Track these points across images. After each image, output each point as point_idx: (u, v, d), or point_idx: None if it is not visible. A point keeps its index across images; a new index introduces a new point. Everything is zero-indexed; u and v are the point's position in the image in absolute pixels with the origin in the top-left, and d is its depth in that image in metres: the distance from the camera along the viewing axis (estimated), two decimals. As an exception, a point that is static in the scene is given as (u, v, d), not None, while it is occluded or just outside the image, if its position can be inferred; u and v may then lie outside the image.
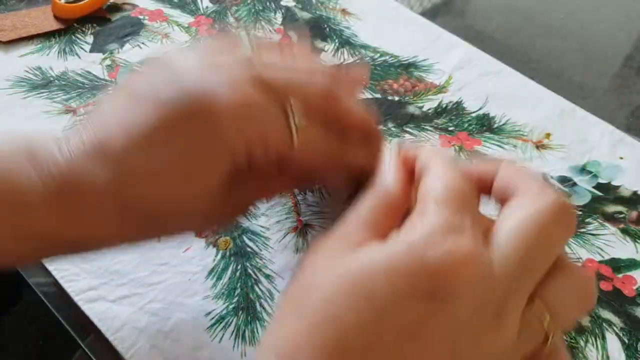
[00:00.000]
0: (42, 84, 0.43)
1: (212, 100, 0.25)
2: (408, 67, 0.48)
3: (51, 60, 0.44)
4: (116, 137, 0.25)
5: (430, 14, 0.56)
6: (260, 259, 0.35)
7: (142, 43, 0.47)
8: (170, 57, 0.27)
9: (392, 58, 0.48)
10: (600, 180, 0.41)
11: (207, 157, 0.25)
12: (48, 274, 0.34)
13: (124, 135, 0.25)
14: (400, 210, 0.24)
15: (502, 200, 0.24)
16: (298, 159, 0.27)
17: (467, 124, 0.44)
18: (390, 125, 0.43)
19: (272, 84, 0.26)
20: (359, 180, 0.28)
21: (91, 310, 0.32)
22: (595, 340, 0.33)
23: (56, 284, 0.33)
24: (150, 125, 0.25)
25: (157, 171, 0.25)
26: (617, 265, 0.37)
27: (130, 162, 0.25)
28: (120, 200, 0.25)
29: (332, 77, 0.28)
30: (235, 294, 0.33)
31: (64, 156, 0.25)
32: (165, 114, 0.25)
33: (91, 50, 0.46)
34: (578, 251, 0.37)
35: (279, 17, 0.51)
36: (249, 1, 0.52)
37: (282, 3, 0.52)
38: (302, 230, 0.36)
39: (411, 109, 0.45)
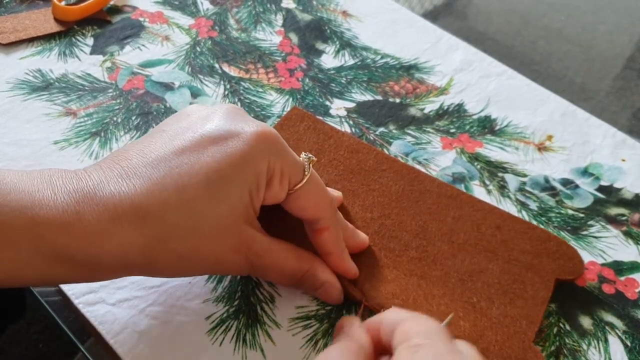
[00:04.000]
0: (42, 86, 0.43)
1: (240, 128, 0.28)
2: (409, 69, 0.47)
3: (51, 62, 0.44)
4: (140, 157, 0.27)
5: (432, 16, 0.55)
6: (261, 262, 0.35)
7: (143, 45, 0.47)
8: (194, 109, 0.30)
9: (394, 60, 0.48)
10: (603, 183, 0.41)
11: (234, 171, 0.27)
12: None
13: (151, 156, 0.27)
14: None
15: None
16: (298, 202, 0.30)
17: (468, 126, 0.44)
18: (391, 127, 0.43)
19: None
20: None
21: (91, 314, 0.32)
22: (598, 344, 0.33)
23: (56, 286, 0.33)
24: (180, 144, 0.27)
25: (184, 183, 0.26)
26: (620, 267, 0.37)
27: (156, 174, 0.26)
28: (140, 211, 0.25)
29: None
30: (236, 297, 0.33)
31: (80, 176, 0.26)
32: (197, 135, 0.27)
33: (91, 53, 0.46)
34: (580, 254, 0.36)
35: (279, 19, 0.51)
36: (249, 3, 0.52)
37: (283, 5, 0.52)
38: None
39: (412, 111, 0.44)
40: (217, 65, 0.46)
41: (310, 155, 0.30)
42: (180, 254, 0.27)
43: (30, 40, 0.46)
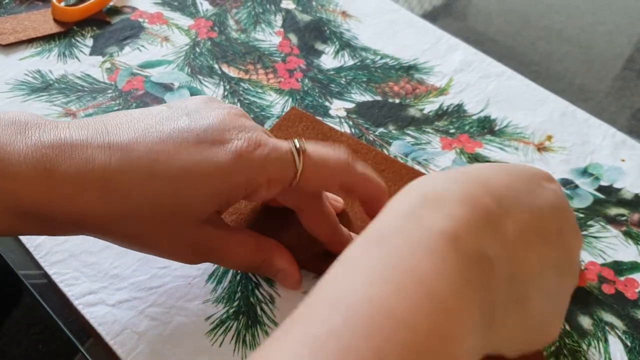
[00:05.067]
0: (41, 87, 0.43)
1: (230, 133, 0.27)
2: (409, 70, 0.47)
3: (51, 63, 0.44)
4: (128, 132, 0.26)
5: (431, 17, 0.55)
6: (261, 263, 0.35)
7: (142, 46, 0.47)
8: (200, 100, 0.30)
9: (393, 60, 0.48)
10: (602, 183, 0.41)
11: (210, 179, 0.27)
12: (45, 276, 0.34)
13: (138, 133, 0.26)
14: None
15: None
16: (304, 188, 0.29)
17: (468, 127, 0.44)
18: (391, 127, 0.43)
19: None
20: None
21: (91, 315, 0.32)
22: (598, 344, 0.33)
23: (55, 287, 0.33)
24: (168, 133, 0.26)
25: (156, 172, 0.26)
26: (620, 268, 0.37)
27: (134, 154, 0.26)
28: (109, 184, 0.25)
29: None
30: (236, 298, 0.33)
31: (60, 131, 0.26)
32: (186, 130, 0.27)
33: (91, 54, 0.46)
34: (581, 254, 0.36)
35: (279, 20, 0.51)
36: (249, 3, 0.52)
37: (282, 5, 0.52)
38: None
39: (412, 111, 0.44)
40: (216, 66, 0.46)
41: (300, 143, 0.29)
42: (134, 233, 0.27)
43: (30, 41, 0.46)
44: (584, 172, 0.42)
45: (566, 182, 0.41)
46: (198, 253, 0.29)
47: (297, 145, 0.29)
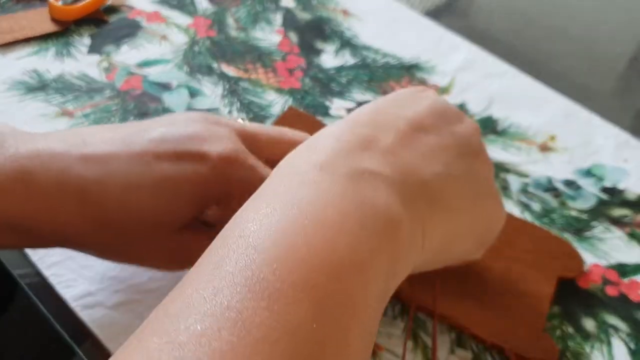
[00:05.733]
0: (39, 86, 0.42)
1: (206, 145, 0.27)
2: (410, 69, 0.47)
3: (48, 62, 0.44)
4: (105, 144, 0.27)
5: (433, 15, 0.55)
6: (260, 264, 0.34)
7: (140, 45, 0.46)
8: (173, 113, 0.30)
9: (394, 59, 0.48)
10: (606, 184, 0.41)
11: (185, 189, 0.27)
12: (37, 274, 0.33)
13: (115, 146, 0.27)
14: None
15: None
16: None
17: (470, 127, 0.43)
18: (392, 127, 0.43)
19: (262, 139, 0.30)
20: None
21: (88, 317, 0.32)
22: (602, 346, 0.33)
23: (52, 289, 0.33)
24: (144, 145, 0.27)
25: (132, 183, 0.26)
26: (624, 269, 0.36)
27: (111, 166, 0.26)
28: (85, 195, 0.26)
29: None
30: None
31: (37, 143, 0.26)
32: (163, 142, 0.27)
33: (88, 53, 0.45)
34: (584, 255, 0.36)
35: (279, 18, 0.50)
36: (248, 2, 0.51)
37: (282, 4, 0.52)
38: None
39: (413, 111, 0.44)
40: (215, 65, 0.45)
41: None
42: (113, 243, 0.28)
43: (27, 40, 0.45)
44: (587, 173, 0.41)
45: (569, 183, 0.40)
46: (179, 259, 0.29)
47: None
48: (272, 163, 0.29)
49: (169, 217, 0.27)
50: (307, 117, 0.41)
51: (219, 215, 0.29)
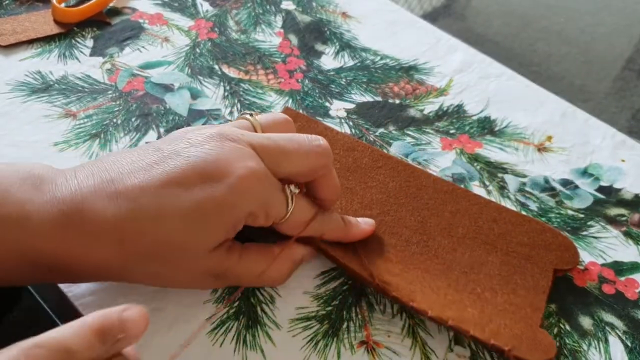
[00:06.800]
0: (42, 88, 0.43)
1: (229, 167, 0.28)
2: (409, 70, 0.47)
3: (51, 64, 0.44)
4: (130, 177, 0.28)
5: (431, 17, 0.56)
6: (261, 263, 0.35)
7: (142, 47, 0.47)
8: (189, 130, 0.31)
9: (393, 61, 0.48)
10: (602, 183, 0.41)
11: (215, 213, 0.28)
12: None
13: (140, 178, 0.28)
14: None
15: None
16: (285, 228, 0.32)
17: (468, 127, 0.44)
18: (391, 128, 0.43)
19: (278, 155, 0.30)
20: None
21: (91, 315, 0.32)
22: (598, 344, 0.33)
23: (55, 288, 0.33)
24: (168, 174, 0.28)
25: (164, 214, 0.27)
26: (620, 268, 0.37)
27: (141, 201, 0.27)
28: (121, 233, 0.27)
29: (324, 155, 0.32)
30: (236, 298, 0.33)
31: (70, 184, 0.28)
32: (186, 168, 0.28)
33: (91, 54, 0.46)
34: (580, 254, 0.36)
35: (279, 21, 0.51)
36: (249, 4, 0.52)
37: (282, 6, 0.52)
38: (303, 233, 0.36)
39: (412, 112, 0.44)
40: (216, 67, 0.46)
41: (294, 188, 0.31)
42: (152, 274, 0.29)
43: (30, 42, 0.46)
44: (584, 173, 0.42)
45: (566, 183, 0.41)
46: (215, 278, 0.31)
47: (292, 190, 0.31)
48: (287, 175, 0.31)
49: (202, 242, 0.28)
50: (303, 117, 0.41)
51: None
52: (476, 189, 0.40)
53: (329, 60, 0.48)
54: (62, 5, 0.48)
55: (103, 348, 0.23)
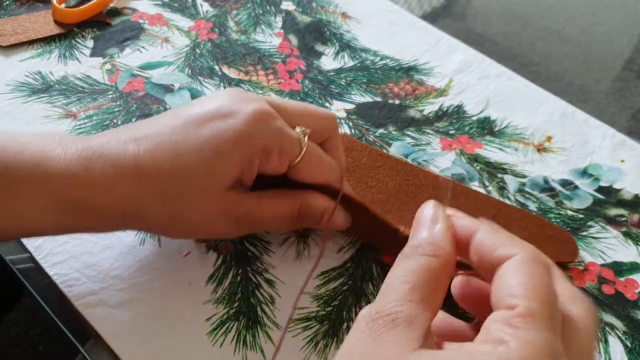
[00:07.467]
0: (42, 88, 0.43)
1: (242, 106, 0.30)
2: (409, 71, 0.48)
3: (51, 64, 0.44)
4: (147, 125, 0.30)
5: (431, 18, 0.56)
6: (261, 264, 0.35)
7: (142, 47, 0.47)
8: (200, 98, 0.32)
9: (393, 61, 0.48)
10: (602, 184, 0.41)
11: (230, 145, 0.29)
12: (45, 275, 0.34)
13: (157, 125, 0.30)
14: (449, 281, 0.23)
15: (482, 262, 0.23)
16: (301, 173, 0.31)
17: (468, 127, 0.44)
18: (391, 128, 0.43)
19: (287, 109, 0.32)
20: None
21: (91, 315, 0.32)
22: (598, 344, 0.33)
23: (56, 288, 0.33)
24: (185, 118, 0.30)
25: (181, 151, 0.29)
26: (619, 268, 0.37)
27: (158, 141, 0.29)
28: (140, 171, 0.28)
29: (330, 117, 0.34)
30: (236, 298, 0.33)
31: (89, 137, 0.30)
32: (201, 111, 0.30)
33: (91, 55, 0.46)
34: (580, 254, 0.36)
35: (279, 21, 0.51)
36: (249, 5, 0.52)
37: (282, 7, 0.52)
38: (303, 234, 0.36)
39: (412, 112, 0.44)
40: (216, 67, 0.46)
41: (305, 128, 0.31)
42: (171, 211, 0.29)
43: (30, 43, 0.46)
44: (584, 173, 0.42)
45: (566, 183, 0.41)
46: (236, 221, 0.31)
47: (304, 130, 0.31)
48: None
49: (218, 175, 0.29)
50: None
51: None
52: (476, 189, 0.40)
53: (329, 60, 0.48)
54: (63, 5, 0.48)
55: None
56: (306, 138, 0.31)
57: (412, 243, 0.24)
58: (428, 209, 0.25)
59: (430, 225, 0.24)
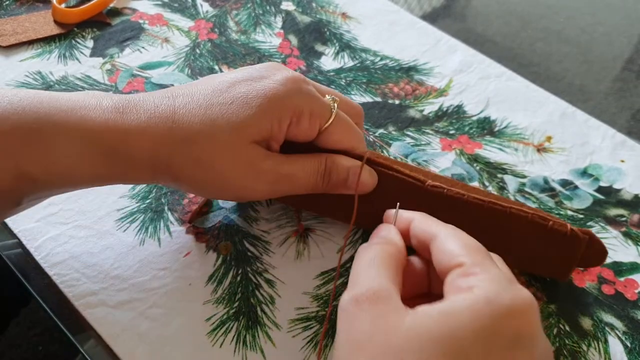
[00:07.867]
0: (42, 88, 0.43)
1: (275, 71, 0.32)
2: (409, 71, 0.48)
3: (51, 64, 0.44)
4: (183, 87, 0.31)
5: (431, 18, 0.56)
6: (261, 264, 0.35)
7: (142, 47, 0.47)
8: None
9: (393, 62, 0.48)
10: (602, 184, 0.41)
11: (262, 100, 0.30)
12: (44, 274, 0.34)
13: (193, 88, 0.31)
14: (404, 262, 0.29)
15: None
16: (330, 138, 0.33)
17: (468, 127, 0.44)
18: (391, 128, 0.43)
19: (321, 87, 0.34)
20: None
21: (91, 316, 0.32)
22: (598, 344, 0.33)
23: (56, 288, 0.33)
24: (220, 82, 0.31)
25: (214, 103, 0.30)
26: (619, 268, 0.37)
27: (194, 97, 0.30)
28: (172, 118, 0.30)
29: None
30: (236, 298, 0.33)
31: (128, 95, 0.31)
32: (236, 75, 0.32)
33: (91, 55, 0.46)
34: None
35: (279, 21, 0.51)
36: (249, 5, 0.52)
37: (282, 7, 0.52)
38: (303, 234, 0.36)
39: (412, 112, 0.44)
40: (216, 67, 0.46)
41: (334, 96, 0.33)
42: (198, 158, 0.30)
43: (30, 43, 0.46)
44: (584, 173, 0.42)
45: (566, 183, 0.41)
46: (263, 175, 0.31)
47: (333, 97, 0.33)
48: None
49: (246, 125, 0.30)
50: None
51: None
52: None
53: (329, 60, 0.48)
54: (63, 5, 0.48)
55: None
56: (336, 105, 0.32)
57: (368, 242, 0.30)
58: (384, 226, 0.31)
59: (382, 228, 0.31)
